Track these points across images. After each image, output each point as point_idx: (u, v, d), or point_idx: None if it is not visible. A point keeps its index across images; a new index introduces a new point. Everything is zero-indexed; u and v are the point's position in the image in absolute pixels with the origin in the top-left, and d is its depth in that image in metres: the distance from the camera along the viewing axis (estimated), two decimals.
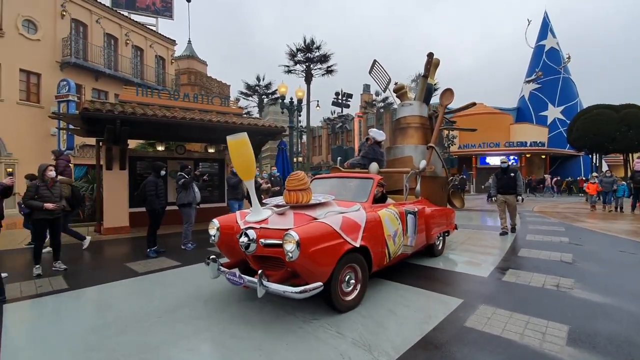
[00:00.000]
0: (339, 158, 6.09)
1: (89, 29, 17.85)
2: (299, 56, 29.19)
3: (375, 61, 7.09)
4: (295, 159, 17.87)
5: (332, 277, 3.13)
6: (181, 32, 26.70)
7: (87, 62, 17.29)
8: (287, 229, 3.04)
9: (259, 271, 3.03)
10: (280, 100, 13.78)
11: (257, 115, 30.67)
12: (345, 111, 25.67)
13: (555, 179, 28.01)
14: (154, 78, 21.57)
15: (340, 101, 23.61)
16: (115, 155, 8.58)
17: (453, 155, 24.86)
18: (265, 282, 2.99)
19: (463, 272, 4.77)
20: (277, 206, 3.66)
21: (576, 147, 27.43)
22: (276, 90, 26.78)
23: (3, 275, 4.08)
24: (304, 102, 20.00)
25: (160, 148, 10.95)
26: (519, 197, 7.64)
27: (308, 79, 29.39)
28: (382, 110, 36.93)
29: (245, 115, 12.36)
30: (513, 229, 7.91)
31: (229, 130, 3.95)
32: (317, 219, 3.30)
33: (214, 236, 3.68)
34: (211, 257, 3.64)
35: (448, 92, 6.21)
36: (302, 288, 2.89)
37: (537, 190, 26.86)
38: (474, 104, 6.49)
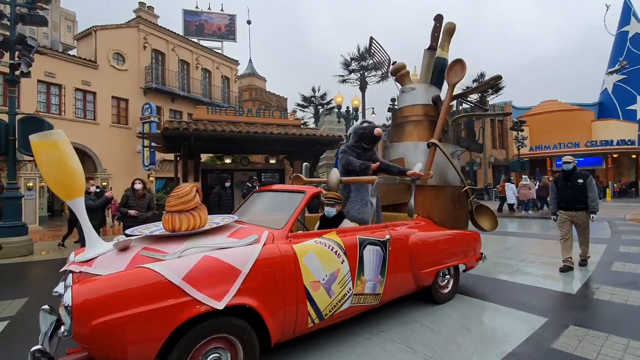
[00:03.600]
0: (305, 164, 4.42)
1: (166, 57, 20.02)
2: (353, 65, 29.37)
3: (371, 39, 5.61)
4: None
5: None
6: (243, 51, 28.61)
7: (165, 86, 19.37)
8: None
9: (32, 349, 1.84)
10: (337, 110, 14.00)
11: (313, 126, 31.50)
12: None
13: None
14: (220, 96, 23.35)
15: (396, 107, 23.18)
16: (190, 168, 9.46)
17: (524, 158, 22.83)
18: None
19: (545, 287, 4.35)
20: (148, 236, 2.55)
21: None
22: (331, 100, 27.23)
23: None
24: (360, 109, 20.06)
25: (227, 160, 11.81)
26: (592, 215, 5.03)
27: (363, 87, 29.35)
28: (453, 115, 35.35)
29: (302, 126, 12.77)
30: (583, 262, 5.26)
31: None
32: (163, 260, 2.14)
33: None
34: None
35: (457, 66, 4.26)
36: None
37: (628, 195, 23.39)
38: (499, 78, 4.46)
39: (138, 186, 5.77)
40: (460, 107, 5.69)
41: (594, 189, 4.96)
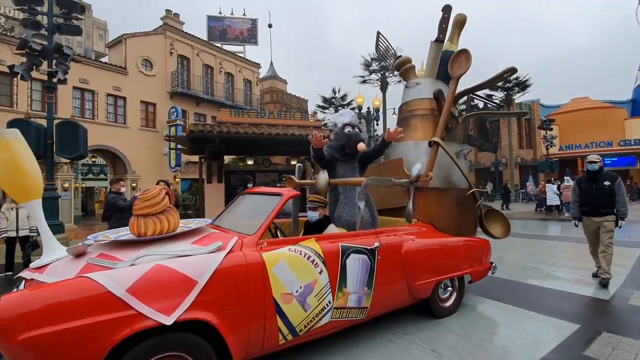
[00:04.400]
0: (298, 165, 4.17)
1: (191, 61, 20.63)
2: (374, 65, 29.17)
3: (378, 33, 5.25)
4: None
5: None
6: (264, 54, 29.11)
7: (190, 90, 19.96)
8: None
9: None
10: (358, 111, 13.95)
11: None
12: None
13: None
14: (243, 99, 23.80)
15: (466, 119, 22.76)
16: (214, 170, 9.70)
17: (553, 158, 21.89)
18: None
19: (577, 292, 4.17)
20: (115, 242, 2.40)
21: None
22: (352, 101, 27.15)
23: None
24: (381, 110, 19.90)
25: (249, 162, 12.03)
26: (621, 222, 4.42)
27: (384, 87, 29.13)
28: (463, 112, 34.37)
29: (323, 128, 12.83)
30: (604, 281, 4.36)
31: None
32: (113, 268, 1.98)
33: None
34: None
35: (462, 57, 3.92)
36: None
37: None
38: (513, 70, 3.86)
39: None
40: (472, 103, 5.07)
41: (623, 192, 4.43)
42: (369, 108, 14.18)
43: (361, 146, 3.41)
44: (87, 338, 1.72)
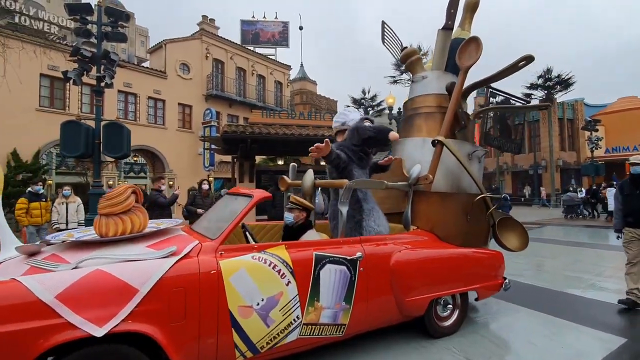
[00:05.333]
0: (292, 164, 3.80)
1: (225, 65, 21.34)
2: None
3: (384, 24, 4.64)
4: None
5: None
6: (295, 56, 29.45)
7: (224, 92, 20.64)
8: None
9: None
10: (388, 111, 13.79)
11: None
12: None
13: None
14: (274, 101, 24.26)
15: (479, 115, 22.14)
16: (245, 169, 9.97)
17: (598, 161, 20.45)
18: None
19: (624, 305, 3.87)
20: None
21: None
22: (382, 101, 26.87)
23: None
24: None
25: (280, 162, 12.25)
26: None
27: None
28: (499, 113, 32.50)
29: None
30: (629, 303, 3.83)
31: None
32: (54, 270, 1.87)
33: None
34: None
35: (472, 45, 3.42)
36: None
37: None
38: (529, 58, 3.20)
39: (205, 186, 6.32)
40: (492, 99, 4.51)
41: None
42: (400, 109, 13.98)
43: (394, 135, 3.07)
44: (7, 346, 1.58)
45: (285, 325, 2.25)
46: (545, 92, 24.88)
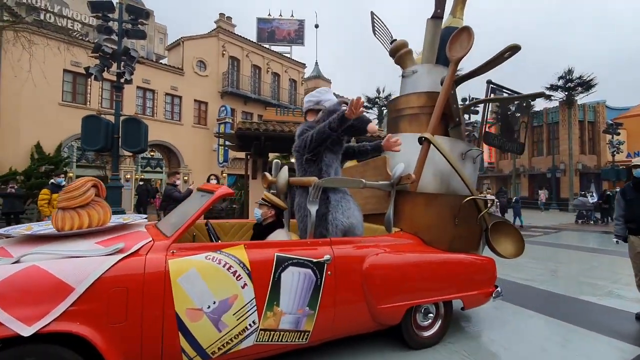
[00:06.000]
0: (275, 161, 3.57)
1: (241, 62, 21.55)
2: None
3: (373, 14, 4.30)
4: None
5: None
6: (310, 54, 29.52)
7: (239, 89, 20.86)
8: None
9: None
10: None
11: (378, 127, 31.15)
12: (474, 117, 23.53)
13: None
14: (288, 98, 24.37)
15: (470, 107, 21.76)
16: (259, 166, 10.07)
17: (619, 165, 19.79)
18: None
19: None
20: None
21: None
22: None
23: None
24: None
25: (292, 160, 12.32)
26: None
27: None
28: (518, 114, 31.59)
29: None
30: None
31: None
32: None
33: None
34: None
35: (464, 35, 3.17)
36: None
37: None
38: (514, 48, 2.99)
39: (213, 181, 6.39)
40: (491, 95, 4.03)
41: None
42: None
43: (372, 127, 2.84)
44: None
45: (239, 331, 2.11)
46: (566, 93, 24.18)
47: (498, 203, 11.40)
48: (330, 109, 2.90)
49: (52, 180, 6.89)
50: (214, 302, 2.04)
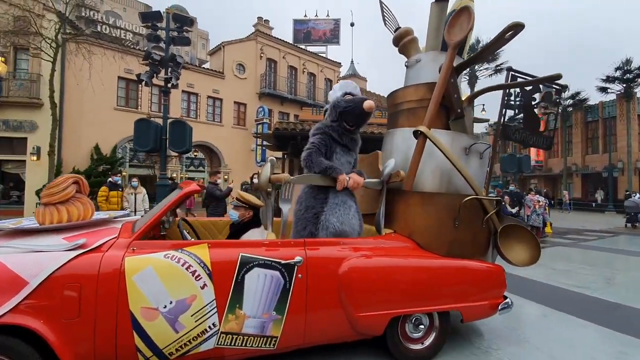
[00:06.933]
0: (271, 158, 3.15)
1: (277, 64, 22.05)
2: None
3: (381, 3, 3.92)
4: None
5: None
6: (346, 52, 29.43)
7: (276, 90, 21.38)
8: None
9: None
10: None
11: None
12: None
13: None
14: (324, 98, 24.51)
15: (512, 102, 20.61)
16: (295, 166, 10.29)
17: None
18: None
19: None
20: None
21: None
22: None
23: None
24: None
25: None
26: None
27: (472, 81, 27.03)
28: (570, 108, 28.08)
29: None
30: None
31: None
32: None
33: None
34: None
35: (463, 16, 2.86)
36: None
37: None
38: (517, 26, 2.54)
39: (255, 181, 6.70)
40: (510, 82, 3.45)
41: None
42: None
43: (369, 103, 2.63)
44: None
45: (198, 332, 2.04)
46: (624, 85, 22.09)
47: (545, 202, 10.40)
48: (333, 103, 2.79)
49: (109, 179, 7.54)
50: (171, 302, 1.99)
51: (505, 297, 2.83)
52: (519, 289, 4.54)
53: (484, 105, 20.90)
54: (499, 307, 2.74)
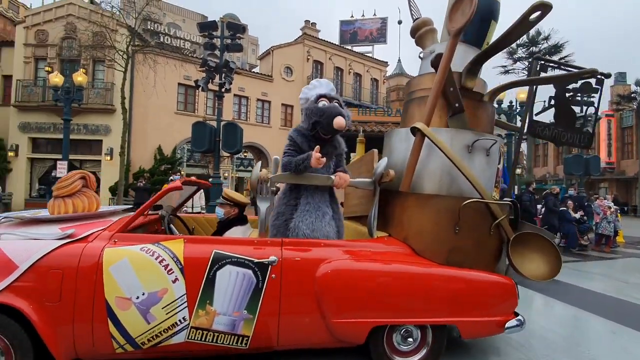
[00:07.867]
0: (275, 157, 3.12)
1: (324, 65, 22.36)
2: (520, 52, 25.37)
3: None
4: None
5: None
6: (393, 50, 28.92)
7: None
8: None
9: None
10: (497, 105, 12.53)
11: None
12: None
13: None
14: (369, 98, 24.37)
15: (578, 98, 18.73)
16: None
17: None
18: None
19: None
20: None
21: None
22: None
23: None
24: (526, 104, 17.24)
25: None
26: None
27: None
28: (581, 95, 24.74)
29: None
30: None
31: None
32: None
33: None
34: None
35: (466, 1, 2.50)
36: None
37: None
38: (544, 7, 2.12)
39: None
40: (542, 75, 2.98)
41: None
42: (511, 102, 12.52)
43: (339, 122, 2.39)
44: None
45: (169, 325, 2.11)
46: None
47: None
48: (307, 111, 2.60)
49: (170, 178, 8.23)
50: (143, 294, 2.08)
51: (517, 314, 2.49)
52: (584, 302, 4.23)
53: (545, 102, 19.30)
54: (506, 325, 2.41)
